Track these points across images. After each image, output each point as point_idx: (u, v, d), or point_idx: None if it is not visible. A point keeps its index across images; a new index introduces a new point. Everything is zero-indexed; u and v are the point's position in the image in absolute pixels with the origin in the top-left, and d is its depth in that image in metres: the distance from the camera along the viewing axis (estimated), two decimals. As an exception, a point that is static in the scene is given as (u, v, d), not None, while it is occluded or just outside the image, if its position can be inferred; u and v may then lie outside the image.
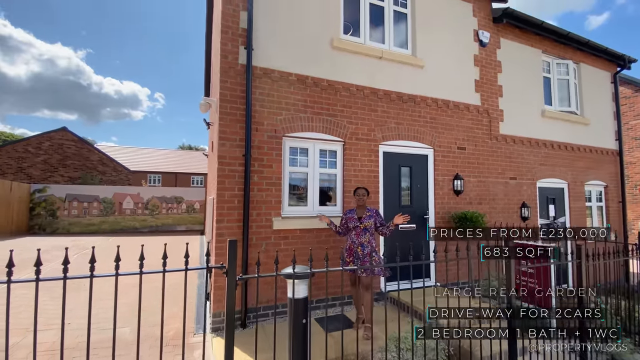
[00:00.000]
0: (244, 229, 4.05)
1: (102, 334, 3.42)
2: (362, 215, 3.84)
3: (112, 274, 1.87)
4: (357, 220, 3.81)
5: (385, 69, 5.25)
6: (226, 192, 4.09)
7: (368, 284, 3.63)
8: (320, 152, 4.75)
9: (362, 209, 3.92)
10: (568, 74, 7.28)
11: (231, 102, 4.18)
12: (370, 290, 3.61)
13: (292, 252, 4.21)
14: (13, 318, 3.76)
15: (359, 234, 3.75)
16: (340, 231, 4.00)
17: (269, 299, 4.07)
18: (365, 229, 3.74)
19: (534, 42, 6.90)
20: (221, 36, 4.19)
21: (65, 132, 19.41)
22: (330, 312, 4.40)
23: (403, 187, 5.35)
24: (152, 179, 30.60)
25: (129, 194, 15.74)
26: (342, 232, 3.99)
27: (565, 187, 7.17)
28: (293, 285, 2.11)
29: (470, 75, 6.06)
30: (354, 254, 3.72)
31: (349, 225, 3.86)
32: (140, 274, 1.90)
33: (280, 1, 4.58)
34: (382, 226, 3.83)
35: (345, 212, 4.03)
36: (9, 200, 12.69)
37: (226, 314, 2.03)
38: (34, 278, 1.71)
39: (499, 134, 6.26)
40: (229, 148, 4.14)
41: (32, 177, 17.82)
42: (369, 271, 3.61)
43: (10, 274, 1.67)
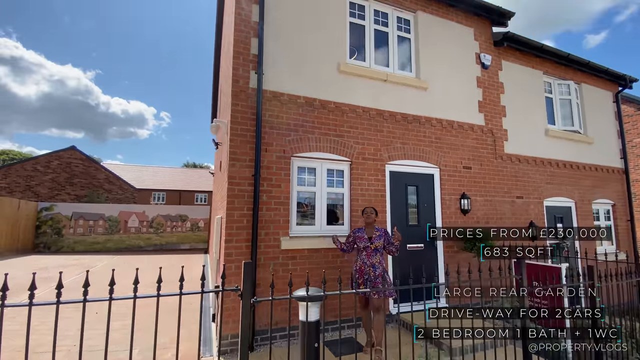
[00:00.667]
0: (253, 248, 4.06)
1: (111, 356, 3.37)
2: (372, 235, 3.82)
3: (105, 299, 1.86)
4: (367, 240, 3.79)
5: (390, 91, 5.39)
6: (235, 211, 4.13)
7: (379, 306, 3.59)
8: (328, 171, 4.82)
9: (371, 228, 3.92)
10: (570, 94, 7.40)
11: (242, 124, 4.30)
12: (382, 312, 3.58)
13: (300, 272, 4.21)
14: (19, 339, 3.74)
15: (370, 255, 3.71)
16: (344, 248, 3.98)
17: (277, 321, 4.02)
18: (376, 249, 3.73)
19: (535, 63, 7.07)
20: (233, 61, 4.36)
21: (74, 151, 19.76)
22: (341, 335, 4.31)
23: (410, 206, 5.36)
24: (157, 196, 30.78)
25: (135, 212, 15.82)
26: (347, 250, 3.97)
27: (572, 206, 7.13)
28: (307, 308, 2.11)
29: (473, 96, 6.19)
30: (365, 275, 3.67)
31: (358, 245, 3.83)
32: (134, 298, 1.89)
33: (289, 28, 4.78)
34: (390, 245, 3.82)
35: (354, 231, 4.01)
36: (16, 218, 12.79)
37: (241, 337, 2.03)
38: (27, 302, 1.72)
39: (503, 153, 6.31)
40: (238, 168, 4.22)
41: (40, 195, 18.02)
42: (381, 293, 3.55)
43: (4, 298, 1.68)
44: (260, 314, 4.02)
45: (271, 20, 4.63)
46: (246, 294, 1.98)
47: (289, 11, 4.81)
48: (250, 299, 2.00)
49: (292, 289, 2.18)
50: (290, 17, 4.81)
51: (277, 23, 4.69)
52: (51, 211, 14.28)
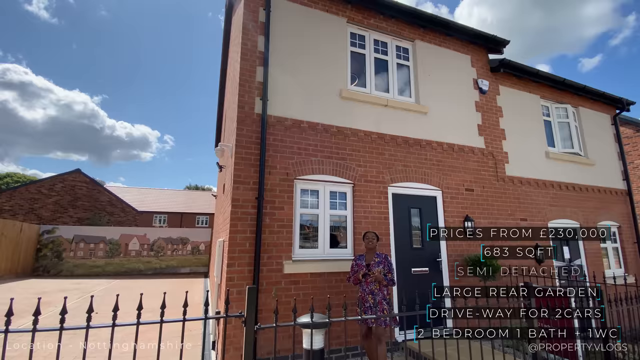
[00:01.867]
0: (255, 273, 4.02)
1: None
2: (370, 262, 3.77)
3: (108, 325, 1.84)
4: (365, 268, 3.74)
5: (391, 115, 5.52)
6: (238, 234, 4.13)
7: (381, 334, 3.49)
8: (331, 193, 4.85)
9: (372, 254, 3.88)
10: (567, 117, 7.54)
11: (246, 148, 4.38)
12: (384, 342, 3.49)
13: (302, 297, 4.14)
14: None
15: (368, 282, 3.66)
16: (348, 277, 3.92)
17: (279, 349, 3.91)
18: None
19: (532, 88, 7.25)
20: (239, 89, 4.52)
21: (78, 174, 19.98)
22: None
23: (414, 229, 5.34)
24: (159, 219, 30.72)
25: (136, 235, 15.75)
26: (349, 277, 3.90)
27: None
28: (311, 336, 2.07)
29: (472, 120, 6.31)
30: (366, 303, 3.61)
31: (358, 272, 3.77)
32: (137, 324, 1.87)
33: (293, 57, 4.98)
34: (388, 272, 3.69)
35: (356, 258, 3.97)
36: (17, 241, 12.75)
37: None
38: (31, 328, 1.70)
39: (505, 175, 6.35)
40: (242, 191, 4.26)
41: (42, 217, 18.04)
42: (381, 321, 3.46)
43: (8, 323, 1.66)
44: (262, 342, 3.91)
45: (276, 50, 4.84)
46: (250, 320, 1.96)
47: (293, 41, 5.03)
48: (254, 326, 1.97)
49: (296, 315, 2.14)
50: (294, 46, 5.03)
51: (282, 52, 4.90)
52: (53, 234, 14.24)
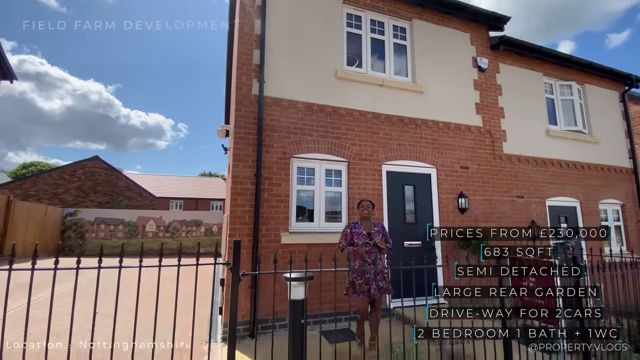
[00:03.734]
0: (254, 243, 4.37)
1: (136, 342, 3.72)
2: (370, 231, 3.65)
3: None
4: (366, 236, 3.59)
5: (386, 95, 5.65)
6: (238, 208, 4.47)
7: (378, 304, 3.56)
8: (326, 171, 5.10)
9: (367, 223, 3.74)
10: (572, 94, 7.44)
11: (244, 128, 4.66)
12: (379, 308, 3.57)
13: (298, 264, 4.46)
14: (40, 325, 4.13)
15: (370, 252, 3.53)
16: (343, 246, 3.67)
17: (277, 311, 4.28)
18: (375, 245, 3.57)
19: (534, 65, 7.17)
20: (237, 71, 4.76)
21: (97, 161, 20.85)
22: (338, 326, 4.52)
23: (407, 205, 5.55)
24: (175, 204, 31.77)
25: (152, 218, 16.51)
26: (345, 247, 3.65)
27: (577, 206, 7.10)
28: (289, 287, 2.37)
29: (470, 99, 6.36)
30: (367, 274, 3.47)
31: (356, 242, 3.59)
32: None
33: (290, 39, 5.15)
34: (387, 242, 3.68)
35: (350, 226, 3.73)
36: (43, 223, 13.65)
37: (230, 309, 2.31)
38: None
39: (502, 153, 6.42)
40: (242, 168, 4.56)
41: (65, 202, 19.06)
42: (382, 290, 3.49)
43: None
44: (262, 305, 4.30)
45: (273, 32, 5.02)
46: (235, 268, 2.28)
47: (289, 23, 5.19)
48: (239, 273, 2.29)
49: (276, 267, 2.45)
50: (290, 28, 5.19)
51: (278, 34, 5.08)
52: (75, 217, 15.12)
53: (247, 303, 4.22)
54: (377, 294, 3.50)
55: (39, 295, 5.95)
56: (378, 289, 3.51)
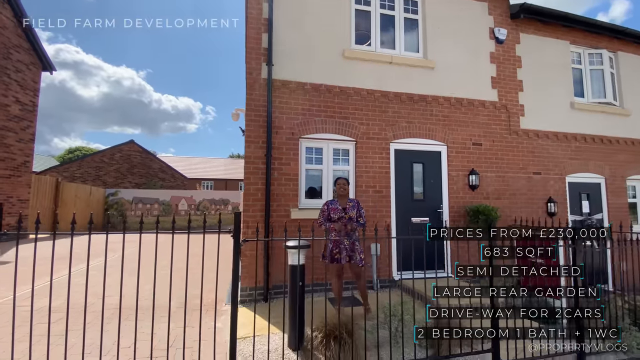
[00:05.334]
0: (266, 217, 4.73)
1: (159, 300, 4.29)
2: (345, 206, 3.96)
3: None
4: (341, 211, 3.90)
5: (396, 72, 5.65)
6: (251, 186, 4.82)
7: (358, 273, 3.92)
8: (334, 150, 5.30)
9: (344, 200, 4.01)
10: (602, 63, 6.95)
11: (255, 111, 4.93)
12: (363, 278, 3.97)
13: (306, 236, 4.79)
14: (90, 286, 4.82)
15: (345, 225, 3.84)
16: (321, 221, 3.97)
17: (282, 279, 4.66)
18: (350, 218, 3.88)
19: (560, 34, 6.74)
20: (246, 55, 4.98)
21: (133, 145, 22.27)
22: (348, 294, 4.87)
23: (415, 183, 5.66)
24: (206, 185, 33.35)
25: (184, 197, 17.64)
26: (323, 223, 3.96)
27: (602, 182, 6.81)
28: (298, 254, 2.68)
29: (486, 72, 6.17)
30: (340, 244, 3.80)
31: (332, 216, 3.89)
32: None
33: (297, 20, 5.25)
34: (360, 217, 3.95)
35: (327, 203, 4.03)
36: (88, 202, 15.09)
37: (232, 270, 2.67)
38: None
39: (519, 128, 6.25)
40: (253, 149, 4.88)
41: (107, 183, 20.72)
42: (359, 261, 3.82)
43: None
44: (275, 273, 4.70)
45: (280, 15, 5.15)
46: (236, 236, 2.62)
47: (296, 5, 5.28)
48: (240, 240, 2.63)
49: (272, 233, 2.76)
50: (297, 10, 5.28)
51: (286, 17, 5.19)
52: (116, 196, 16.52)
53: (261, 271, 4.65)
54: (345, 260, 3.83)
55: (79, 266, 6.81)
56: (349, 257, 3.84)
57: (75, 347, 2.83)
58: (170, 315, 2.69)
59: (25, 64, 11.18)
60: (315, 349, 2.84)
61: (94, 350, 2.93)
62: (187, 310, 4.15)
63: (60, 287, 4.84)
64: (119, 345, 2.45)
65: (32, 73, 11.54)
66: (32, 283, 2.30)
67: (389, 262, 5.22)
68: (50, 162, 27.77)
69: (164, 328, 3.14)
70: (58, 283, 5.12)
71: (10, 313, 2.98)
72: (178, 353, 3.05)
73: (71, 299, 2.38)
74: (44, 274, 4.91)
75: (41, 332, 3.11)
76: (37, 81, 11.79)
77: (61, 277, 5.56)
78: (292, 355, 2.96)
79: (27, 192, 11.33)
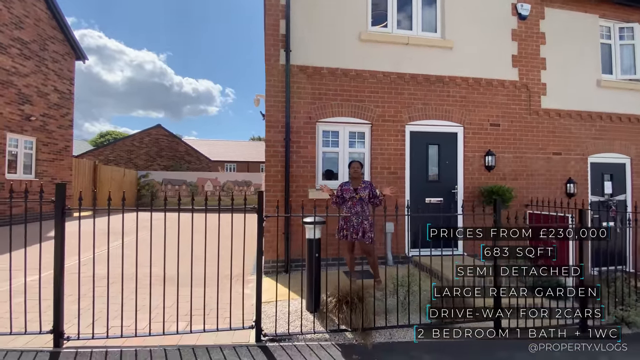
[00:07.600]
0: (286, 197, 5.08)
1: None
2: (357, 187, 4.21)
3: (202, 208, 3.01)
4: (353, 192, 4.18)
5: (412, 53, 5.67)
6: (272, 168, 5.16)
7: (368, 250, 4.18)
8: (350, 133, 5.51)
9: (358, 182, 4.27)
10: (634, 38, 6.58)
11: (274, 96, 5.19)
12: (374, 254, 4.22)
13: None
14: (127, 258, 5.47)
15: (354, 204, 4.13)
16: (335, 201, 4.26)
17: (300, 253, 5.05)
18: (360, 199, 4.13)
19: (589, 7, 6.42)
20: (265, 43, 5.20)
21: (160, 129, 23.25)
22: (359, 268, 5.22)
23: (431, 164, 5.79)
24: (229, 167, 34.39)
25: (209, 179, 18.47)
26: (337, 202, 4.24)
27: (627, 163, 6.62)
28: (314, 229, 3.01)
29: (506, 51, 6.05)
30: (349, 222, 4.09)
31: (344, 196, 4.20)
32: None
33: (313, 8, 5.36)
34: (374, 197, 4.21)
35: (341, 185, 4.33)
36: (122, 183, 16.18)
37: (257, 242, 3.04)
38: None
39: (540, 108, 6.14)
40: (273, 133, 5.18)
41: (138, 165, 21.92)
42: (367, 239, 4.09)
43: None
44: (294, 248, 5.09)
45: (297, 0, 5.27)
46: (260, 211, 2.96)
47: (313, -10, 5.37)
48: (263, 215, 2.98)
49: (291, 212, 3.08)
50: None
51: (303, 2, 5.31)
52: (147, 178, 17.57)
53: (281, 246, 5.05)
54: (353, 237, 4.10)
55: (114, 243, 7.51)
56: (357, 234, 4.07)
57: (127, 306, 3.35)
58: (205, 282, 3.12)
59: (60, 54, 11.88)
60: (330, 312, 3.21)
61: (143, 308, 3.45)
62: (219, 279, 4.64)
63: (106, 258, 5.48)
64: (164, 305, 2.91)
65: (68, 63, 12.26)
66: (92, 250, 2.77)
67: (403, 240, 5.47)
68: (84, 145, 29.51)
69: (199, 292, 3.61)
70: (103, 255, 5.76)
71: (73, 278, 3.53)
72: (212, 313, 3.52)
73: (118, 269, 2.84)
74: (90, 248, 5.55)
75: (97, 294, 3.66)
76: (72, 70, 12.53)
77: (103, 251, 6.24)
78: (309, 316, 3.35)
79: (69, 174, 12.34)
